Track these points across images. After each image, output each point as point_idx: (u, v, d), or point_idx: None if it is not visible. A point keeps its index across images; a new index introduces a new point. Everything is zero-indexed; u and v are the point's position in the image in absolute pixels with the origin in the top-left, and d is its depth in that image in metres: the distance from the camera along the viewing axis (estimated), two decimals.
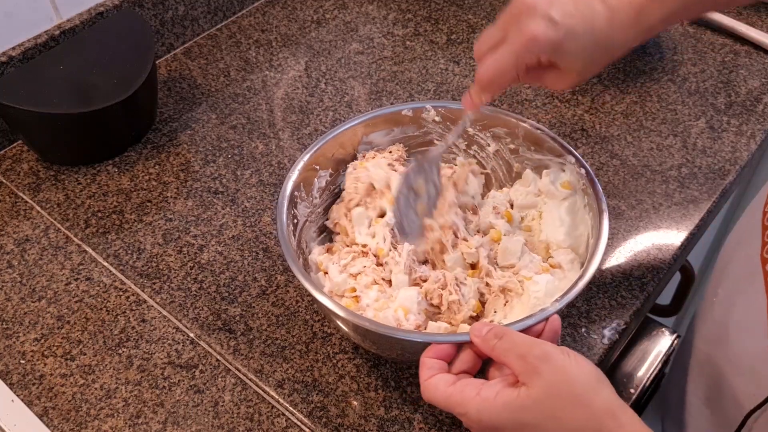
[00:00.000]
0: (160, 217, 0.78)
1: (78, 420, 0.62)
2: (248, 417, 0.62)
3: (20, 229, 0.77)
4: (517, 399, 0.46)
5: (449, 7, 1.04)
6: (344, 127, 0.69)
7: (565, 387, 0.46)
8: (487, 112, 0.70)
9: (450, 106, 0.71)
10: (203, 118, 0.89)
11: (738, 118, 0.87)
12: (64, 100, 0.78)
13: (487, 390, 0.47)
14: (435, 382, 0.50)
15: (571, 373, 0.46)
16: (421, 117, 0.71)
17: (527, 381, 0.46)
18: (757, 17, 1.00)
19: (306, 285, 0.57)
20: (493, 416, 0.46)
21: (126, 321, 0.69)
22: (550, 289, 0.60)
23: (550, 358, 0.46)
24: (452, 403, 0.48)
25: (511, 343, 0.48)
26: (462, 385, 0.48)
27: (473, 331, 0.51)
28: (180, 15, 0.96)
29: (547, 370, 0.46)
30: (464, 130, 0.71)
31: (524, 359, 0.47)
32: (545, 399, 0.45)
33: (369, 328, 0.55)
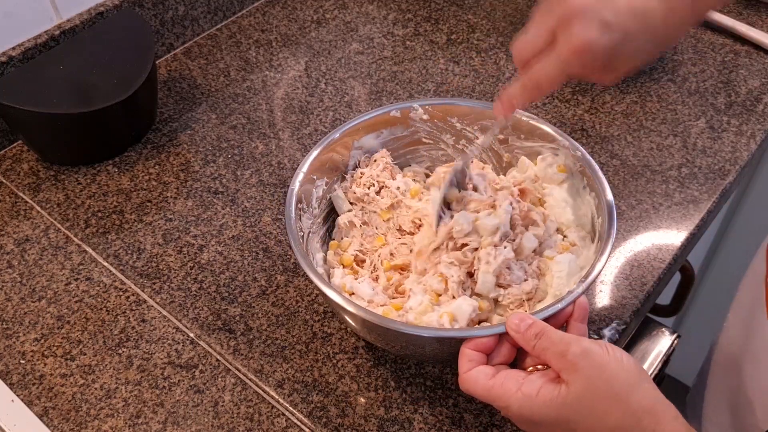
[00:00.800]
0: (160, 217, 0.78)
1: (78, 420, 0.62)
2: (248, 417, 0.62)
3: (20, 229, 0.77)
4: (558, 396, 0.46)
5: (449, 7, 1.04)
6: (335, 135, 0.68)
7: (605, 384, 0.46)
8: (472, 105, 0.70)
9: (437, 102, 0.71)
10: (203, 118, 0.89)
11: (738, 118, 0.87)
12: (64, 100, 0.78)
13: (529, 386, 0.48)
14: (475, 374, 0.50)
15: (610, 371, 0.46)
16: (409, 117, 0.71)
17: (567, 378, 0.47)
18: (757, 17, 1.00)
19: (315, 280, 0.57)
20: (534, 412, 0.47)
21: (126, 321, 0.69)
22: (573, 269, 0.61)
23: (590, 355, 0.47)
24: (493, 396, 0.49)
25: (549, 341, 0.49)
26: (502, 379, 0.49)
27: (511, 326, 0.51)
28: (180, 15, 0.96)
29: (586, 367, 0.46)
30: (495, 138, 0.70)
31: (564, 357, 0.47)
32: (585, 396, 0.46)
33: (375, 322, 0.55)
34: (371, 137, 0.71)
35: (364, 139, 0.71)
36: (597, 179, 0.64)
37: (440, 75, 0.93)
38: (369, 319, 0.55)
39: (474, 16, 1.03)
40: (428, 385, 0.64)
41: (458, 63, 0.95)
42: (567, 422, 0.46)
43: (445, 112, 0.71)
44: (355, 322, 0.59)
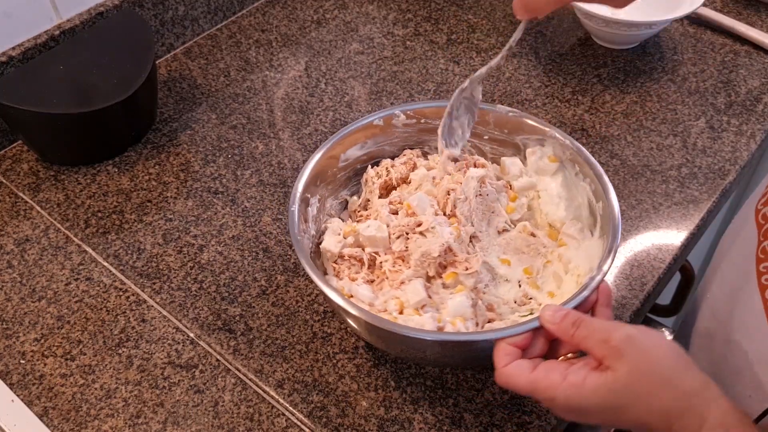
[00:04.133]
0: (160, 217, 0.78)
1: (78, 420, 0.62)
2: (248, 417, 0.62)
3: (20, 229, 0.77)
4: (605, 383, 0.46)
5: (449, 7, 1.04)
6: (321, 152, 0.67)
7: (651, 368, 0.46)
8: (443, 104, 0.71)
9: (419, 107, 0.71)
10: (203, 118, 0.89)
11: (738, 118, 0.87)
12: (64, 100, 0.78)
13: (574, 375, 0.47)
14: (514, 368, 0.50)
15: (655, 354, 0.46)
16: (392, 123, 0.71)
17: (612, 364, 0.46)
18: (757, 17, 1.00)
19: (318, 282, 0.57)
20: (582, 401, 0.47)
21: (126, 321, 0.69)
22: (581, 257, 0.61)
23: (634, 340, 0.47)
24: (538, 388, 0.48)
25: (589, 329, 0.49)
26: (546, 371, 0.49)
27: (548, 318, 0.51)
28: (180, 15, 0.96)
29: (631, 352, 0.46)
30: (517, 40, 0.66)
31: (607, 344, 0.47)
32: (632, 382, 0.46)
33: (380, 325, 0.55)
34: (356, 148, 0.70)
35: (350, 151, 0.70)
36: (589, 164, 0.65)
37: (440, 75, 0.93)
38: (374, 323, 0.55)
39: (474, 16, 1.03)
40: (428, 385, 0.64)
41: (458, 63, 0.95)
42: (615, 408, 0.46)
43: (428, 115, 0.71)
44: (359, 326, 0.59)
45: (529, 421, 0.61)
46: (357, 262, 0.64)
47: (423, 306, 0.60)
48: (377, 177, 0.70)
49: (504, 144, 0.72)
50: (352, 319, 0.58)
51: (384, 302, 0.61)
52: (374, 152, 0.72)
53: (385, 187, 0.70)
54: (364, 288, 0.62)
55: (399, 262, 0.64)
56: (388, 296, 0.61)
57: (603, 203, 0.63)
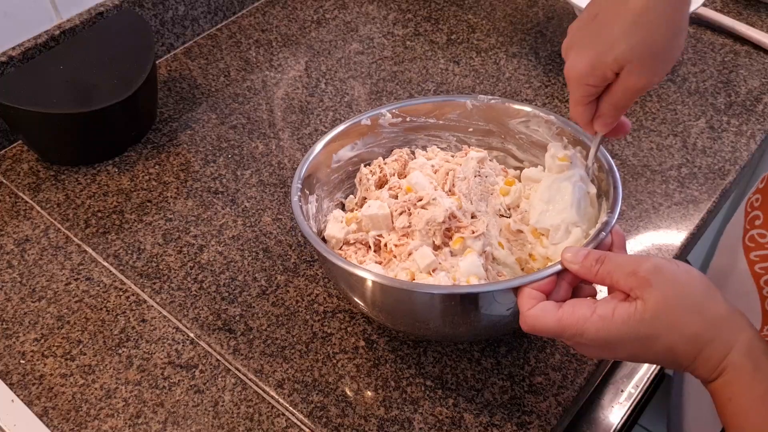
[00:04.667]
0: (160, 217, 0.78)
1: (78, 420, 0.62)
2: (248, 417, 0.62)
3: (20, 229, 0.77)
4: (636, 313, 0.46)
5: (449, 7, 1.04)
6: (316, 152, 0.67)
7: (680, 296, 0.46)
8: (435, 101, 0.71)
9: (404, 105, 0.71)
10: (203, 118, 0.89)
11: (738, 118, 0.87)
12: (64, 100, 0.78)
13: (603, 308, 0.47)
14: (540, 309, 0.50)
15: (684, 283, 0.47)
16: (379, 123, 0.71)
17: (641, 295, 0.47)
18: (757, 17, 1.00)
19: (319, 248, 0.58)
20: (612, 332, 0.47)
21: (126, 321, 0.69)
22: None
23: (661, 269, 0.47)
24: (565, 325, 0.48)
25: (614, 264, 0.49)
26: (571, 307, 0.48)
27: (570, 258, 0.51)
28: (180, 15, 0.96)
29: (660, 281, 0.46)
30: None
31: (635, 275, 0.47)
32: (662, 310, 0.46)
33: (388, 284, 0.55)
34: (347, 149, 0.70)
35: (342, 151, 0.70)
36: (575, 131, 0.66)
37: (440, 75, 0.93)
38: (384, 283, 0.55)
39: (474, 16, 1.03)
40: (428, 385, 0.64)
41: (458, 63, 0.95)
42: (646, 338, 0.46)
43: (410, 112, 0.71)
44: (366, 293, 0.59)
45: (529, 421, 0.61)
46: (363, 245, 0.64)
47: (434, 269, 0.60)
48: (371, 174, 0.70)
49: (489, 134, 0.72)
50: (359, 285, 0.58)
51: (394, 276, 0.61)
52: (364, 154, 0.72)
53: (380, 184, 0.70)
54: (374, 266, 0.62)
55: (404, 238, 0.64)
56: (398, 269, 0.61)
57: (597, 163, 0.64)
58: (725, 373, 0.46)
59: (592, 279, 0.50)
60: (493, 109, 0.70)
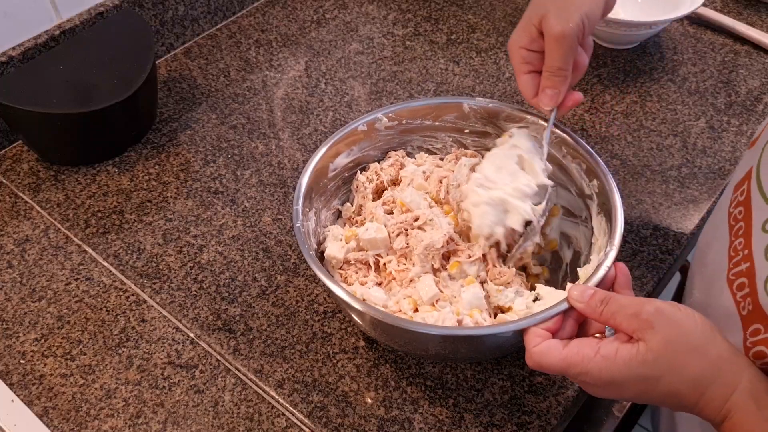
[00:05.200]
0: (160, 217, 0.78)
1: (78, 420, 0.62)
2: (248, 417, 0.62)
3: (20, 229, 0.77)
4: (638, 354, 0.47)
5: (449, 7, 1.04)
6: (313, 165, 0.66)
7: (682, 338, 0.47)
8: (430, 103, 0.71)
9: (400, 108, 0.71)
10: (203, 118, 0.89)
11: (738, 118, 0.87)
12: (64, 100, 0.78)
13: (606, 348, 0.48)
14: (546, 347, 0.50)
15: (685, 325, 0.48)
16: (375, 128, 0.70)
17: (643, 336, 0.47)
18: (757, 17, 1.00)
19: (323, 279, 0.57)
20: (614, 373, 0.48)
21: (126, 321, 0.69)
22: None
23: (663, 312, 0.48)
24: (570, 363, 0.49)
25: (618, 305, 0.50)
26: (577, 347, 0.49)
27: (576, 297, 0.52)
28: (180, 15, 0.96)
29: (662, 324, 0.47)
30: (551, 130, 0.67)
31: (637, 317, 0.48)
32: (664, 352, 0.47)
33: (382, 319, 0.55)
34: (343, 156, 0.69)
35: (338, 159, 0.69)
36: (576, 143, 0.66)
37: (440, 75, 0.93)
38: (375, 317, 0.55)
39: (474, 16, 1.03)
40: (428, 385, 0.64)
41: (458, 63, 0.95)
42: (648, 379, 0.47)
43: (406, 115, 0.71)
44: (363, 321, 0.59)
45: (529, 421, 0.61)
46: (363, 265, 0.64)
47: (437, 301, 0.60)
48: (368, 182, 0.70)
49: (486, 136, 0.72)
50: (363, 317, 0.58)
51: (397, 302, 0.61)
52: (360, 158, 0.71)
53: (377, 190, 0.70)
54: (376, 290, 0.62)
55: (403, 260, 0.64)
56: (400, 296, 0.62)
57: (597, 181, 0.64)
58: (731, 415, 0.47)
59: (596, 319, 0.51)
60: (491, 112, 0.70)
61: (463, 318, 0.58)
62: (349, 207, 0.71)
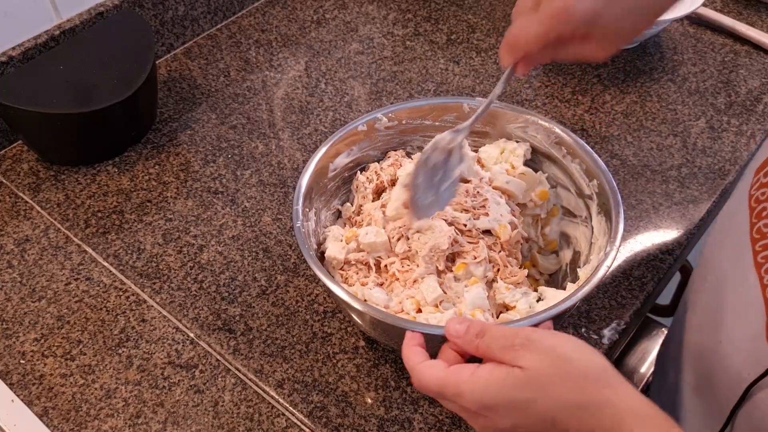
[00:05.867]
0: (160, 217, 0.78)
1: (78, 420, 0.62)
2: (248, 417, 0.62)
3: (20, 229, 0.77)
4: (510, 376, 0.46)
5: (449, 7, 1.04)
6: (312, 166, 0.66)
7: (557, 363, 0.45)
8: (432, 103, 0.71)
9: (399, 108, 0.70)
10: (203, 118, 0.89)
11: (738, 118, 0.87)
12: (64, 100, 0.78)
13: (482, 370, 0.47)
14: (428, 366, 0.49)
15: (559, 350, 0.46)
16: (375, 128, 0.70)
17: (518, 363, 0.46)
18: (757, 17, 1.00)
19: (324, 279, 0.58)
20: (486, 395, 0.46)
21: (126, 321, 0.69)
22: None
23: (534, 340, 0.46)
24: (446, 384, 0.48)
25: (491, 337, 0.48)
26: (456, 369, 0.48)
27: (450, 331, 0.50)
28: (180, 15, 0.96)
29: (535, 349, 0.46)
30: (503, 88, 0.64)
31: (511, 348, 0.47)
32: (538, 375, 0.45)
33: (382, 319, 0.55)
34: (343, 156, 0.69)
35: (338, 159, 0.69)
36: (576, 144, 0.66)
37: (440, 75, 0.93)
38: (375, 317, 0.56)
39: (474, 16, 1.03)
40: None
41: (458, 63, 0.95)
42: (522, 402, 0.45)
43: (406, 115, 0.71)
44: (364, 321, 0.59)
45: None
46: (363, 266, 0.64)
47: (441, 302, 0.60)
48: (368, 182, 0.70)
49: (485, 136, 0.72)
50: (363, 318, 0.58)
51: (399, 303, 0.61)
52: (360, 158, 0.71)
53: (376, 190, 0.70)
54: (377, 291, 0.62)
55: (406, 262, 0.64)
56: (402, 296, 0.62)
57: (597, 180, 0.64)
58: None
59: (474, 353, 0.49)
60: (490, 112, 0.70)
61: (466, 316, 0.58)
62: (349, 207, 0.71)
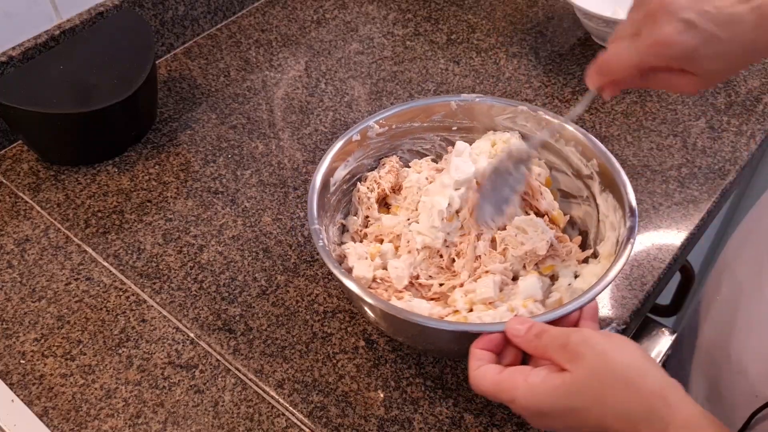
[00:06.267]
0: (160, 217, 0.78)
1: (78, 420, 0.62)
2: (248, 417, 0.62)
3: (20, 229, 0.77)
4: (563, 384, 0.46)
5: (449, 7, 1.04)
6: (319, 181, 0.65)
7: (609, 369, 0.46)
8: (420, 104, 0.71)
9: (389, 113, 0.70)
10: (203, 118, 0.89)
11: (738, 118, 0.87)
12: (64, 100, 0.78)
13: (534, 376, 0.48)
14: (483, 371, 0.50)
15: (613, 356, 0.46)
16: (367, 136, 0.70)
17: (570, 367, 0.47)
18: None
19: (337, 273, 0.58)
20: (540, 402, 0.47)
21: (126, 321, 0.69)
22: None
23: (590, 342, 0.47)
24: (502, 389, 0.49)
25: (549, 338, 0.49)
26: (510, 373, 0.49)
27: (511, 331, 0.51)
28: (180, 15, 0.96)
29: (588, 354, 0.46)
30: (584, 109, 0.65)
31: (565, 348, 0.47)
32: (590, 383, 0.46)
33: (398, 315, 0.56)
34: (340, 169, 0.69)
35: (336, 173, 0.68)
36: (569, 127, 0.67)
37: (440, 75, 0.93)
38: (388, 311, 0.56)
39: (474, 16, 1.03)
40: (428, 385, 0.64)
41: (458, 63, 0.95)
42: (574, 410, 0.46)
43: (396, 119, 0.71)
44: (374, 314, 0.60)
45: None
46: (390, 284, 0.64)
47: (492, 302, 0.61)
48: (370, 191, 0.70)
49: (472, 131, 0.73)
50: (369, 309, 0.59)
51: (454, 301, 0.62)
52: (355, 169, 0.71)
53: (379, 200, 0.70)
54: (418, 301, 0.62)
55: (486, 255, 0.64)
56: (461, 293, 0.62)
57: (596, 159, 0.65)
58: None
59: (533, 353, 0.51)
60: (477, 107, 0.71)
61: (517, 311, 0.59)
62: (356, 220, 0.70)
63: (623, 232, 0.60)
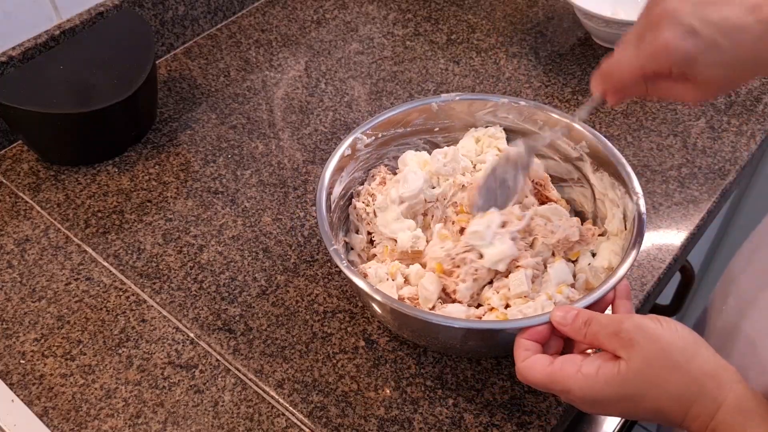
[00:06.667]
0: (160, 217, 0.78)
1: (78, 420, 0.62)
2: (248, 417, 0.62)
3: (20, 229, 0.77)
4: (619, 373, 0.47)
5: (449, 7, 1.04)
6: (323, 200, 0.64)
7: (663, 355, 0.46)
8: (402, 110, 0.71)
9: (375, 122, 0.70)
10: (203, 118, 0.89)
11: (738, 118, 0.87)
12: (64, 100, 0.78)
13: (588, 366, 0.48)
14: (533, 362, 0.51)
15: (666, 341, 0.47)
16: (356, 148, 0.69)
17: (624, 354, 0.47)
18: None
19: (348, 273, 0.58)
20: (596, 391, 0.48)
21: (126, 321, 0.69)
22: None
23: (643, 328, 0.47)
24: (554, 380, 0.49)
25: (599, 325, 0.49)
26: (561, 363, 0.49)
27: (558, 319, 0.52)
28: (180, 15, 0.96)
29: (642, 340, 0.47)
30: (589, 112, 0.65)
31: (617, 336, 0.48)
32: (645, 369, 0.46)
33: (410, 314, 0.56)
34: (337, 186, 0.68)
35: (334, 191, 0.68)
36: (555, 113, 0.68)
37: (440, 75, 0.94)
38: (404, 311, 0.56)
39: (474, 16, 1.03)
40: (428, 385, 0.64)
41: (458, 63, 0.95)
42: (630, 397, 0.47)
43: (381, 128, 0.71)
44: (384, 312, 0.60)
45: (529, 421, 0.61)
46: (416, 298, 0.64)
47: (526, 295, 0.61)
48: (367, 206, 0.70)
49: (452, 130, 0.73)
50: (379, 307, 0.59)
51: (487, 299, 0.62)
52: (349, 183, 0.70)
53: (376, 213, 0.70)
54: (451, 306, 0.62)
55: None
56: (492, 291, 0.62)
57: (585, 140, 0.66)
58: (718, 431, 0.46)
59: (581, 341, 0.51)
60: (457, 105, 0.71)
61: (554, 298, 0.59)
62: (362, 239, 0.69)
63: (631, 207, 0.61)
